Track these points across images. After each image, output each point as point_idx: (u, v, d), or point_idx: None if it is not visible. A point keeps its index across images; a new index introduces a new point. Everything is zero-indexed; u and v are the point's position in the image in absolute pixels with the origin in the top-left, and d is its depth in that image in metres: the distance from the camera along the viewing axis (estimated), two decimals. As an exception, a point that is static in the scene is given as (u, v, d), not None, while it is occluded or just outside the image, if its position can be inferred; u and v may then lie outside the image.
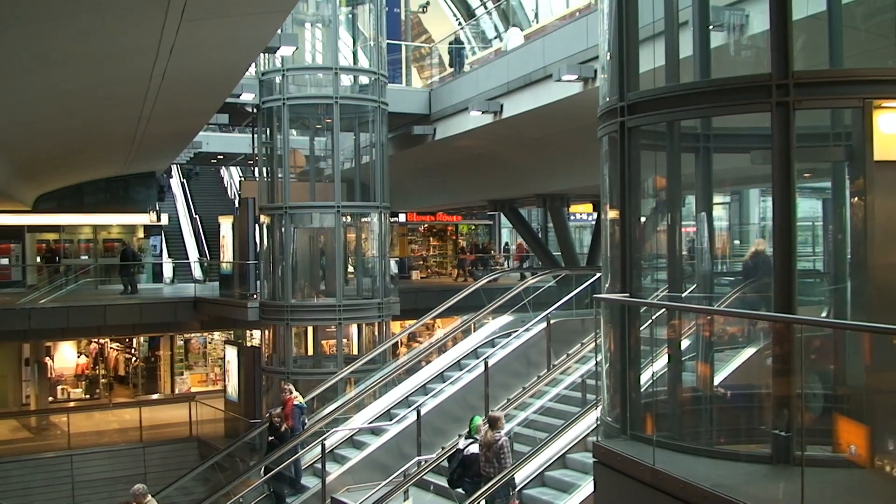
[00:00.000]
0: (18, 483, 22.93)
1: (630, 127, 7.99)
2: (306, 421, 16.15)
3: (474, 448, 12.35)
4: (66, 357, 32.73)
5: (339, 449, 15.91)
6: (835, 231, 8.62)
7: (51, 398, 31.36)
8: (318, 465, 15.24)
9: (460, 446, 12.66)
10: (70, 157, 24.93)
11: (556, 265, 29.19)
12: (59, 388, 32.08)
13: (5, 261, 33.57)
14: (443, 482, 13.32)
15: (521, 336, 17.10)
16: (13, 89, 13.93)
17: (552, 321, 16.51)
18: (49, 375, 31.39)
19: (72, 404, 31.30)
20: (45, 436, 27.32)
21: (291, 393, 16.26)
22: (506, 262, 41.60)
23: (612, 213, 8.22)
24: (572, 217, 39.11)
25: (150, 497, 12.74)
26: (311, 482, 15.40)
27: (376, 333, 22.31)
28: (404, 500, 12.82)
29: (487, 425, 12.23)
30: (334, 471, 15.03)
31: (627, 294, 7.95)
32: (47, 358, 31.49)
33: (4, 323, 25.13)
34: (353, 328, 23.23)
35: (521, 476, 12.24)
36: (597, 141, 8.79)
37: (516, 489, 12.04)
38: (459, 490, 12.67)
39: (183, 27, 11.14)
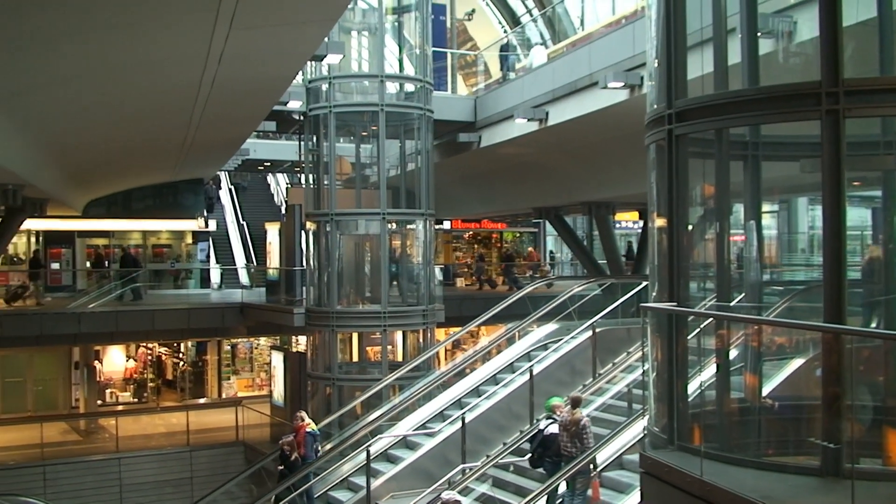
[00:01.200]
0: (68, 485, 23.30)
1: (678, 134, 7.93)
2: (320, 448, 15.92)
3: (553, 428, 12.62)
4: (115, 361, 33.18)
5: (382, 457, 15.91)
6: (885, 240, 8.49)
7: (99, 401, 31.79)
8: (360, 472, 15.25)
9: (541, 426, 12.94)
10: (120, 164, 25.30)
11: (601, 273, 29.06)
12: (108, 391, 32.52)
13: (56, 265, 34.13)
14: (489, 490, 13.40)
15: (566, 345, 17.02)
16: (66, 97, 14.18)
17: (598, 330, 16.42)
18: (98, 379, 31.84)
19: (120, 408, 31.75)
20: (94, 439, 27.77)
21: (303, 420, 16.03)
22: (552, 271, 41.52)
23: (660, 222, 8.16)
24: (618, 225, 38.89)
25: None
26: (346, 496, 15.42)
27: (421, 340, 22.35)
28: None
29: (570, 405, 12.50)
30: (379, 478, 15.05)
31: (675, 303, 7.88)
32: (96, 362, 31.93)
33: (55, 327, 25.53)
34: (398, 335, 23.28)
35: (599, 458, 12.29)
36: (643, 149, 8.74)
37: (598, 469, 12.08)
38: (540, 470, 13.00)
39: (232, 36, 11.28)
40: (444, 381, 17.62)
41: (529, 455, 13.09)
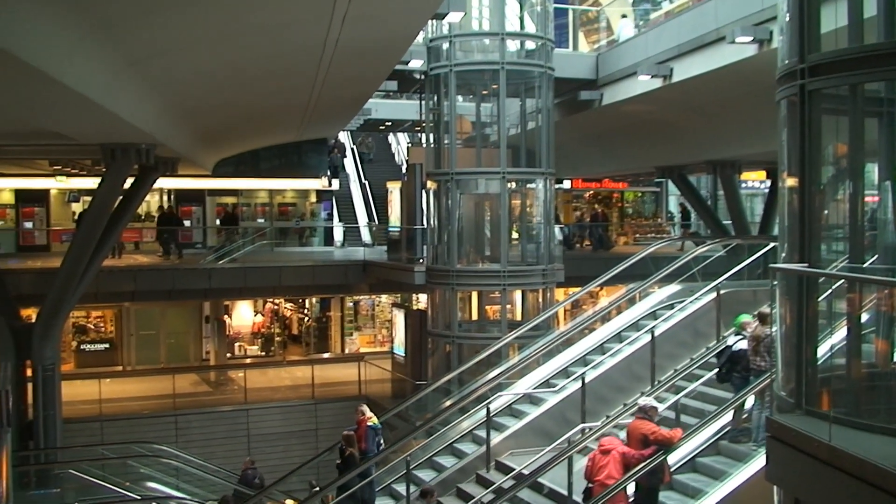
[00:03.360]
0: (199, 434, 24.28)
1: (811, 90, 7.69)
2: (382, 442, 15.54)
3: (742, 344, 12.81)
4: (244, 315, 34.25)
5: (502, 414, 16.03)
6: None
7: (228, 354, 32.92)
8: (480, 428, 15.41)
9: (729, 343, 13.16)
10: (247, 125, 25.92)
11: (725, 234, 28.46)
12: (237, 345, 33.65)
13: (188, 223, 35.33)
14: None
15: (689, 306, 16.76)
16: (195, 60, 14.58)
17: (722, 292, 16.10)
18: (227, 333, 32.96)
19: (248, 361, 32.82)
20: (223, 390, 28.81)
21: (364, 414, 15.68)
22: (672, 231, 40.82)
23: (791, 181, 7.95)
24: (743, 185, 37.89)
25: None
26: (471, 448, 15.60)
27: (540, 300, 22.36)
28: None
29: (757, 321, 12.65)
30: (498, 435, 15.20)
31: (806, 264, 7.69)
32: (226, 316, 33.03)
33: (187, 282, 26.48)
34: (517, 294, 23.33)
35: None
36: (772, 105, 8.51)
37: None
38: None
39: (356, -4, 11.40)
40: (564, 340, 17.58)
41: (717, 370, 13.29)
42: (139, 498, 17.81)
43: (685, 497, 11.61)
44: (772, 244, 16.17)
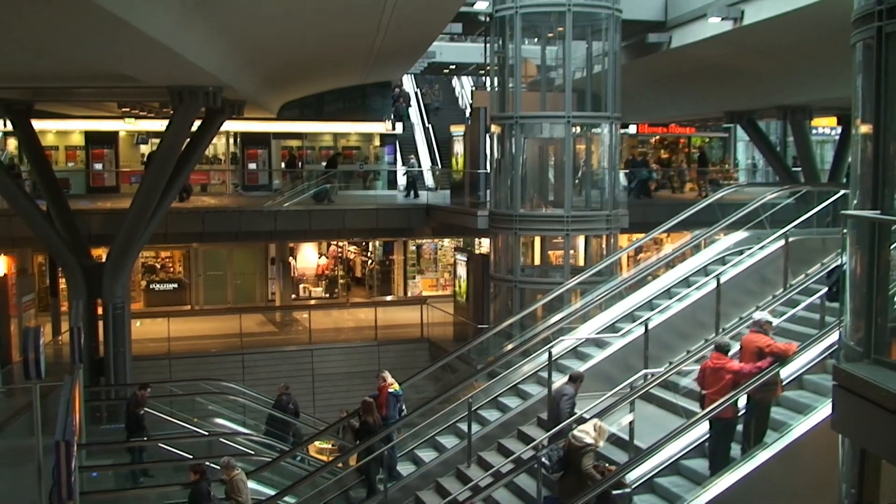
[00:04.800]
0: (264, 372, 24.78)
1: (888, 32, 7.44)
2: (404, 408, 15.40)
3: None
4: (308, 257, 34.65)
5: (564, 359, 16.04)
6: None
7: (293, 295, 33.42)
8: (543, 372, 15.46)
9: (840, 262, 12.96)
10: (312, 68, 25.96)
11: (794, 181, 27.95)
12: (301, 286, 34.11)
13: (253, 165, 35.72)
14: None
15: (755, 254, 16.51)
16: (261, 2, 14.60)
17: (790, 239, 15.83)
18: (292, 274, 33.41)
19: (312, 302, 33.27)
20: (288, 331, 29.31)
21: (386, 380, 15.48)
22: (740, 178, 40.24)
23: (865, 128, 7.74)
24: (813, 131, 37.08)
25: (238, 470, 13.15)
26: (535, 389, 15.68)
27: (604, 246, 22.23)
28: (630, 411, 12.80)
29: None
30: (559, 379, 15.23)
31: (878, 211, 7.52)
32: (291, 258, 33.45)
33: (253, 224, 26.88)
34: (581, 240, 23.21)
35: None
36: (847, 49, 8.26)
37: None
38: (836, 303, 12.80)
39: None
40: (627, 286, 17.48)
41: (826, 289, 13.04)
42: (207, 434, 18.28)
43: (793, 412, 11.55)
44: (841, 192, 15.83)
